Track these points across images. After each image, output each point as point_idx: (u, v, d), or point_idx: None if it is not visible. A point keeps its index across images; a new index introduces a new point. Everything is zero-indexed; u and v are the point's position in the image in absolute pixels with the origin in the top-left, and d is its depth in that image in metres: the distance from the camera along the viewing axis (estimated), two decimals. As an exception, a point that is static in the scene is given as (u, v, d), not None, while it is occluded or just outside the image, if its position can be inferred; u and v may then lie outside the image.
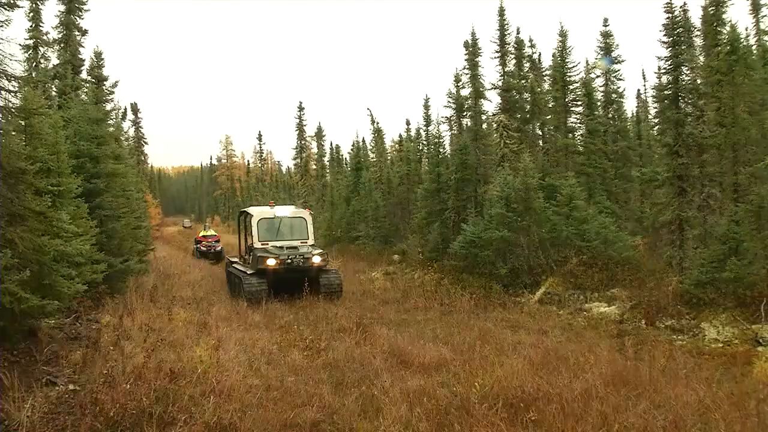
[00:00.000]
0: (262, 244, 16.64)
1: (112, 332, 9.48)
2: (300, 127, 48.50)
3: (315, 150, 52.01)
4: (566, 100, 25.47)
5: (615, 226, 18.30)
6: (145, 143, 53.49)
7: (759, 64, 18.26)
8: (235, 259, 20.39)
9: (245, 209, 20.25)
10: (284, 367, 8.81)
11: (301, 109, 48.36)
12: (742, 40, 18.64)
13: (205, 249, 30.81)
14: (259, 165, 79.27)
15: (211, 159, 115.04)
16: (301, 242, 17.00)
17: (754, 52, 21.39)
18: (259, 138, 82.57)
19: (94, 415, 5.73)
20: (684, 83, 16.18)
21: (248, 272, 16.30)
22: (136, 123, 52.67)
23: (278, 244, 16.53)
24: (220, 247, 31.01)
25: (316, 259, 16.11)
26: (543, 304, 15.00)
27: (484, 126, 24.86)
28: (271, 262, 15.68)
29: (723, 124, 14.72)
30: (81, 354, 8.18)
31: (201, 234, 33.22)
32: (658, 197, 18.03)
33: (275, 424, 6.23)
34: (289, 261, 15.78)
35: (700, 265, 12.66)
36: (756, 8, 23.80)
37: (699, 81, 17.35)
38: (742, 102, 14.93)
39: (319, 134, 51.14)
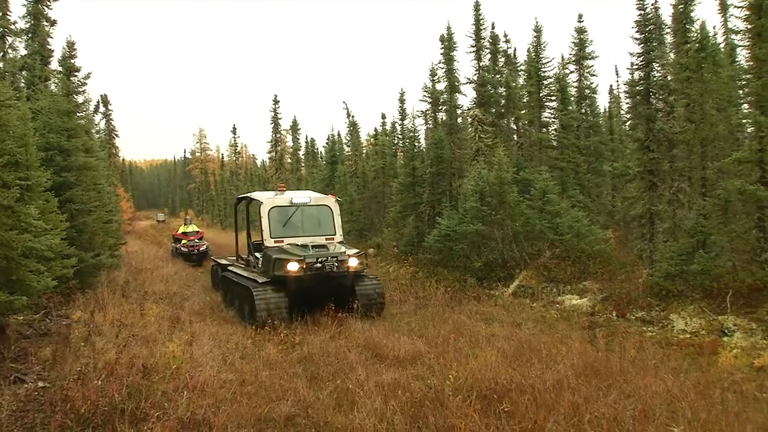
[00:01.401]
0: (275, 242, 12.81)
1: (83, 328, 9.37)
2: (275, 121, 48.04)
3: (290, 143, 51.64)
4: (540, 95, 25.68)
5: (587, 219, 18.56)
6: (117, 136, 52.61)
7: (726, 62, 18.65)
8: (225, 261, 16.92)
9: (247, 195, 15.19)
10: (259, 361, 8.80)
11: (276, 102, 47.90)
12: (710, 38, 19.02)
13: (186, 249, 25.51)
14: (234, 158, 78.53)
15: (184, 152, 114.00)
16: (327, 239, 13.27)
17: (722, 50, 21.83)
18: (234, 131, 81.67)
19: (65, 413, 5.66)
20: (655, 79, 16.42)
21: (259, 281, 12.35)
22: (106, 115, 51.74)
23: (297, 241, 12.76)
24: (204, 246, 25.84)
25: (353, 263, 12.27)
26: (517, 297, 15.16)
27: (459, 120, 24.96)
28: (293, 266, 11.70)
29: (692, 120, 15.00)
30: (51, 350, 8.07)
31: (180, 230, 27.79)
32: (629, 191, 18.31)
33: (249, 418, 6.22)
34: (318, 265, 11.77)
35: (670, 257, 12.90)
36: (724, 7, 24.22)
37: (669, 77, 17.63)
38: (711, 99, 15.23)
39: (295, 127, 50.77)
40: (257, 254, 13.70)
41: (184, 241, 26.02)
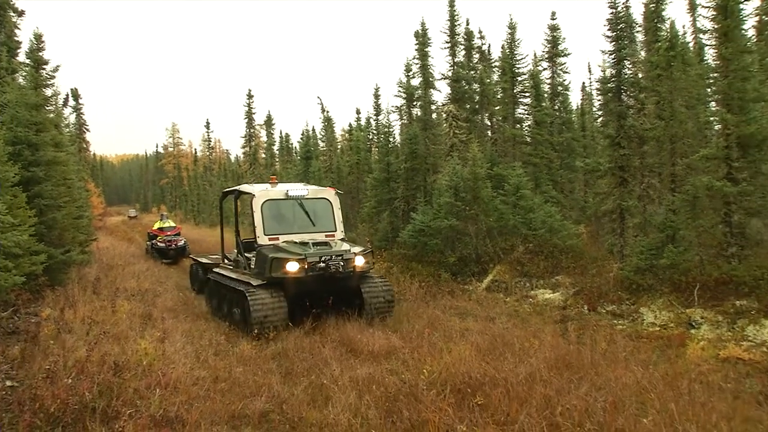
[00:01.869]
0: (269, 239, 11.59)
1: (53, 326, 9.21)
2: (249, 115, 47.60)
3: (264, 138, 51.17)
4: (514, 91, 25.88)
5: (560, 215, 18.79)
6: (87, 130, 51.74)
7: (695, 61, 19.03)
8: (207, 260, 16.04)
9: (236, 188, 13.77)
10: (232, 357, 8.77)
11: (250, 96, 47.46)
12: (680, 37, 19.38)
13: (163, 245, 24.12)
14: (207, 153, 77.60)
15: (156, 147, 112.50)
16: (327, 235, 12.10)
17: (691, 48, 22.25)
18: (207, 126, 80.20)
19: (34, 412, 5.56)
20: (626, 77, 16.65)
21: (254, 283, 11.02)
22: (77, 109, 50.83)
23: (294, 238, 11.59)
24: (182, 242, 24.64)
25: (359, 261, 11.21)
26: (490, 292, 15.30)
27: (434, 116, 25.02)
28: (292, 267, 10.56)
29: (662, 117, 15.27)
30: (19, 349, 7.93)
31: (156, 226, 26.24)
32: (600, 187, 18.57)
33: (223, 415, 6.20)
34: (321, 265, 10.62)
35: (640, 252, 13.14)
36: (692, 7, 24.67)
37: (640, 75, 17.91)
38: (680, 96, 15.52)
39: (269, 122, 50.34)
40: (248, 254, 12.39)
41: (160, 237, 24.68)
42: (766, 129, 12.42)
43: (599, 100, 25.61)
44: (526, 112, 26.08)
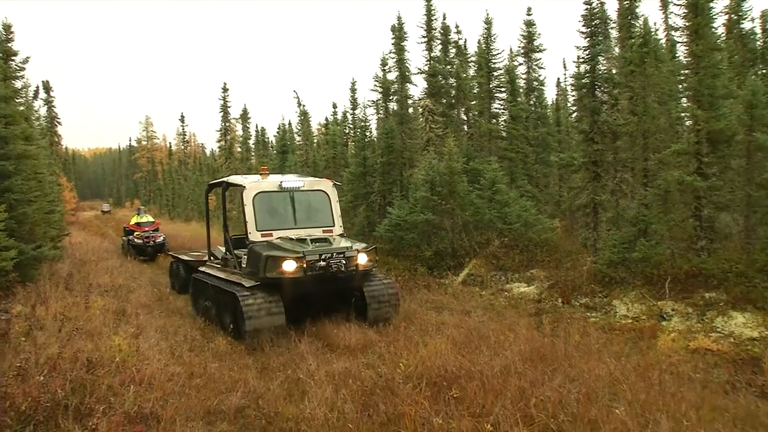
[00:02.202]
0: (262, 235, 10.57)
1: (24, 322, 9.05)
2: (224, 109, 47.16)
3: (240, 132, 50.79)
4: (490, 86, 26.04)
5: (535, 209, 18.97)
6: (59, 123, 50.88)
7: (667, 57, 19.33)
8: (188, 258, 15.22)
9: (224, 179, 12.45)
10: (208, 353, 8.71)
11: (225, 90, 47.02)
12: (653, 34, 19.65)
13: (141, 242, 22.61)
14: (182, 147, 76.85)
15: (130, 141, 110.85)
16: (324, 231, 11.21)
17: (663, 45, 22.59)
18: (182, 119, 79.80)
19: (4, 410, 5.47)
20: (600, 73, 16.84)
21: (246, 285, 9.99)
22: (48, 102, 49.95)
23: (289, 234, 10.69)
24: (161, 238, 23.19)
25: (362, 259, 10.25)
26: (466, 286, 15.41)
27: (410, 110, 25.07)
28: (289, 266, 9.54)
29: (635, 112, 15.49)
30: (-11, 346, 7.77)
31: (133, 221, 24.47)
32: (574, 181, 18.79)
33: (198, 411, 6.16)
34: (321, 264, 9.67)
35: (612, 246, 13.34)
36: (665, 4, 25.06)
37: (614, 71, 18.15)
38: (652, 92, 15.77)
39: (245, 116, 49.92)
40: (238, 251, 11.34)
41: (137, 233, 23.06)
42: (734, 125, 12.68)
43: (574, 96, 25.85)
44: (501, 107, 26.27)
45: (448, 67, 26.60)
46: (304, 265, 9.57)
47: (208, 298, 11.66)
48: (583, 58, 17.34)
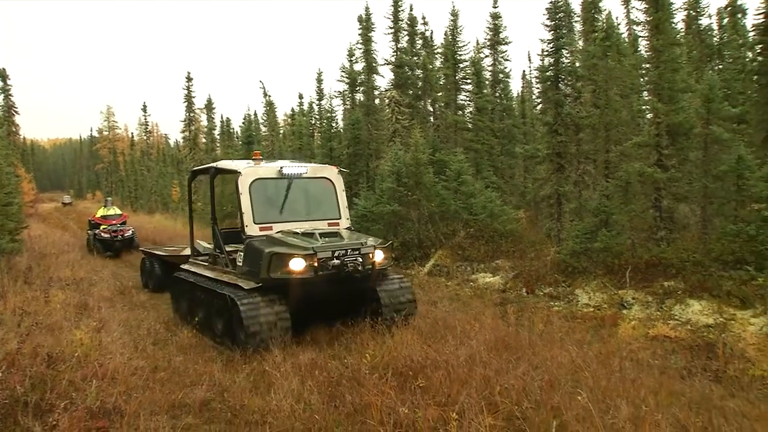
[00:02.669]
0: (261, 229, 9.11)
1: (-21, 317, 8.79)
2: (188, 99, 46.33)
3: (205, 123, 49.96)
4: (456, 77, 26.16)
5: (500, 200, 19.17)
6: (16, 113, 49.35)
7: (629, 51, 19.69)
8: (162, 253, 14.29)
9: (212, 165, 10.87)
10: (172, 346, 8.59)
11: (189, 79, 46.17)
12: (615, 28, 20.00)
13: (108, 236, 20.86)
14: (145, 137, 75.37)
15: (91, 131, 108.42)
16: (330, 223, 9.83)
17: (626, 39, 23.03)
18: (144, 109, 77.84)
19: (-40, 406, 5.32)
20: (564, 66, 17.09)
21: (245, 287, 8.53)
22: (5, 90, 48.39)
23: (292, 227, 9.19)
24: (130, 232, 21.50)
25: (378, 256, 8.95)
26: (432, 276, 15.51)
27: (377, 101, 25.06)
28: (297, 265, 8.17)
29: (597, 105, 15.76)
30: (-57, 341, 7.53)
31: (99, 214, 22.58)
32: (538, 173, 19.06)
33: (163, 405, 6.08)
34: (335, 262, 8.33)
35: (575, 236, 13.58)
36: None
37: (577, 64, 18.42)
38: (615, 85, 16.07)
39: (209, 106, 49.10)
40: (231, 246, 10.00)
41: (104, 226, 21.34)
42: (692, 118, 13.01)
43: (538, 88, 26.21)
44: (467, 99, 26.43)
45: (415, 58, 26.63)
46: (315, 264, 8.17)
47: (193, 300, 10.25)
48: (547, 51, 17.58)
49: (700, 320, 9.66)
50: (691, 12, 25.25)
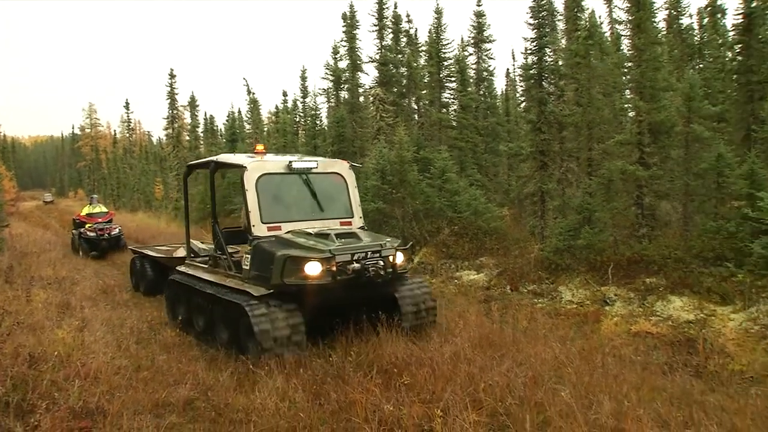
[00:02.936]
0: (269, 228, 8.36)
1: (-42, 317, 8.65)
2: (171, 96, 45.94)
3: (188, 120, 49.59)
4: (441, 75, 26.21)
5: (484, 197, 19.24)
6: (-6, 109, 48.53)
7: (612, 50, 19.88)
8: (154, 254, 13.54)
9: (212, 159, 10.00)
10: (155, 345, 8.53)
11: (172, 76, 45.78)
12: (598, 27, 20.17)
13: (94, 235, 19.76)
14: (127, 135, 74.56)
15: (73, 128, 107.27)
16: (342, 223, 9.13)
17: (608, 38, 23.21)
18: (127, 106, 76.87)
19: (-61, 408, 5.24)
20: (547, 64, 17.18)
21: (254, 293, 7.75)
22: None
23: (304, 227, 8.48)
24: (117, 230, 20.37)
25: (399, 258, 8.26)
26: (417, 274, 15.53)
27: (361, 99, 25.04)
28: (313, 269, 7.40)
29: (580, 103, 15.90)
30: None
31: (84, 212, 21.53)
32: (522, 170, 19.18)
33: (147, 404, 6.04)
34: (355, 266, 7.55)
35: (558, 233, 13.68)
36: (609, -1, 25.78)
37: (560, 62, 18.55)
38: (597, 84, 16.22)
39: (193, 104, 48.71)
40: (231, 248, 9.38)
41: (89, 225, 20.24)
42: (674, 117, 13.16)
43: (522, 87, 26.34)
44: (452, 97, 26.50)
45: (399, 56, 26.64)
46: (333, 268, 7.41)
47: (193, 306, 9.53)
48: (530, 49, 17.66)
49: (681, 316, 9.78)
50: (672, 11, 25.52)
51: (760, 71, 16.03)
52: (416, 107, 27.68)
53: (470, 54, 28.59)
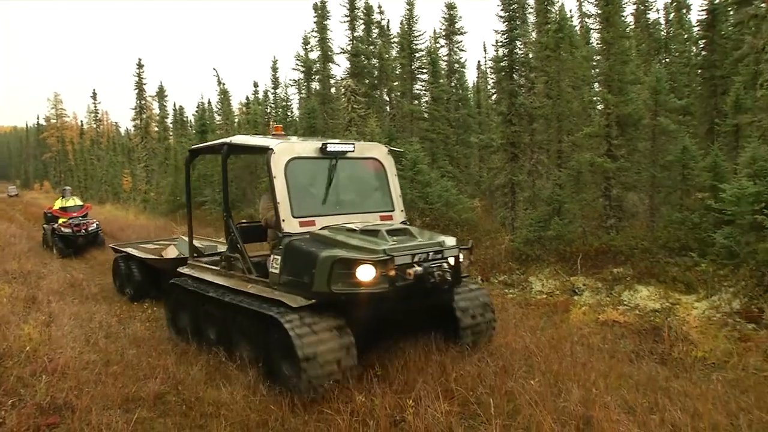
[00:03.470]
0: (301, 224, 6.80)
1: None
2: (139, 86, 45.20)
3: (157, 111, 48.82)
4: (412, 67, 26.21)
5: (456, 189, 19.34)
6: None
7: (582, 43, 20.11)
8: (142, 254, 11.99)
9: (225, 141, 8.01)
10: (125, 339, 8.40)
11: (140, 66, 45.00)
12: (568, 20, 20.37)
13: (69, 231, 17.64)
14: (95, 126, 73.06)
15: (38, 119, 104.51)
16: (382, 217, 7.63)
17: (578, 32, 23.48)
18: (94, 96, 75.13)
19: None
20: (518, 57, 17.31)
21: (292, 305, 6.18)
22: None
23: (341, 221, 6.99)
24: (95, 225, 18.35)
25: (463, 260, 6.84)
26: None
27: (333, 90, 24.92)
28: (367, 274, 5.90)
29: (550, 96, 16.08)
30: None
31: (57, 205, 19.19)
32: (493, 162, 19.33)
33: (116, 399, 5.96)
34: (418, 270, 6.06)
35: (529, 224, 13.84)
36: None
37: (531, 55, 18.70)
38: (567, 77, 16.41)
39: (161, 94, 47.99)
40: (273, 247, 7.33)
41: (63, 220, 18.16)
42: (641, 110, 13.40)
43: (493, 79, 26.47)
44: (423, 89, 26.53)
45: (371, 47, 26.57)
46: (392, 273, 5.94)
47: (201, 315, 8.00)
48: (501, 42, 17.77)
49: (647, 305, 10.00)
50: (640, 6, 25.91)
51: (723, 66, 16.44)
52: (388, 99, 27.66)
53: (442, 46, 28.68)
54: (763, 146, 11.20)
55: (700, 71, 18.17)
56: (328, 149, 7.22)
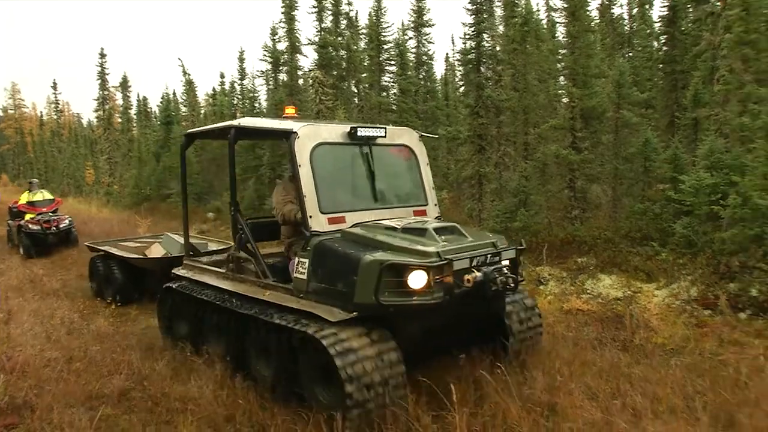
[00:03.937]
0: (329, 221, 5.83)
1: None
2: (102, 77, 44.06)
3: (120, 102, 47.75)
4: (380, 59, 26.14)
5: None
6: None
7: (548, 37, 20.36)
8: (124, 253, 10.99)
9: (231, 123, 6.96)
10: (88, 336, 8.27)
11: (102, 56, 43.88)
12: (534, 14, 20.57)
13: (38, 228, 16.17)
14: (55, 117, 71.16)
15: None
16: (416, 212, 6.84)
17: (544, 25, 23.73)
18: (54, 87, 73.06)
19: None
20: (485, 49, 17.42)
21: (331, 319, 5.17)
22: None
23: (372, 217, 6.16)
24: (67, 222, 16.85)
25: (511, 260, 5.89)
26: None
27: (300, 81, 24.74)
28: (419, 280, 4.97)
29: (517, 89, 16.24)
30: None
31: (23, 200, 17.57)
32: (461, 154, 19.45)
33: (79, 396, 5.87)
34: (477, 276, 5.18)
35: (496, 216, 13.99)
36: (546, -16, 26.27)
37: (498, 48, 18.84)
38: (533, 70, 16.59)
39: (125, 84, 46.88)
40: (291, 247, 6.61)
41: (31, 216, 16.66)
42: (605, 103, 13.64)
43: (461, 71, 26.62)
44: (391, 80, 26.50)
45: (339, 38, 26.41)
46: (449, 280, 5.11)
47: (205, 326, 7.08)
48: (469, 34, 17.85)
49: (610, 294, 10.21)
50: (605, 1, 26.28)
51: (683, 61, 16.81)
52: (356, 90, 27.56)
53: (410, 38, 28.62)
54: (720, 139, 11.52)
55: (661, 66, 18.54)
56: (358, 134, 6.35)
